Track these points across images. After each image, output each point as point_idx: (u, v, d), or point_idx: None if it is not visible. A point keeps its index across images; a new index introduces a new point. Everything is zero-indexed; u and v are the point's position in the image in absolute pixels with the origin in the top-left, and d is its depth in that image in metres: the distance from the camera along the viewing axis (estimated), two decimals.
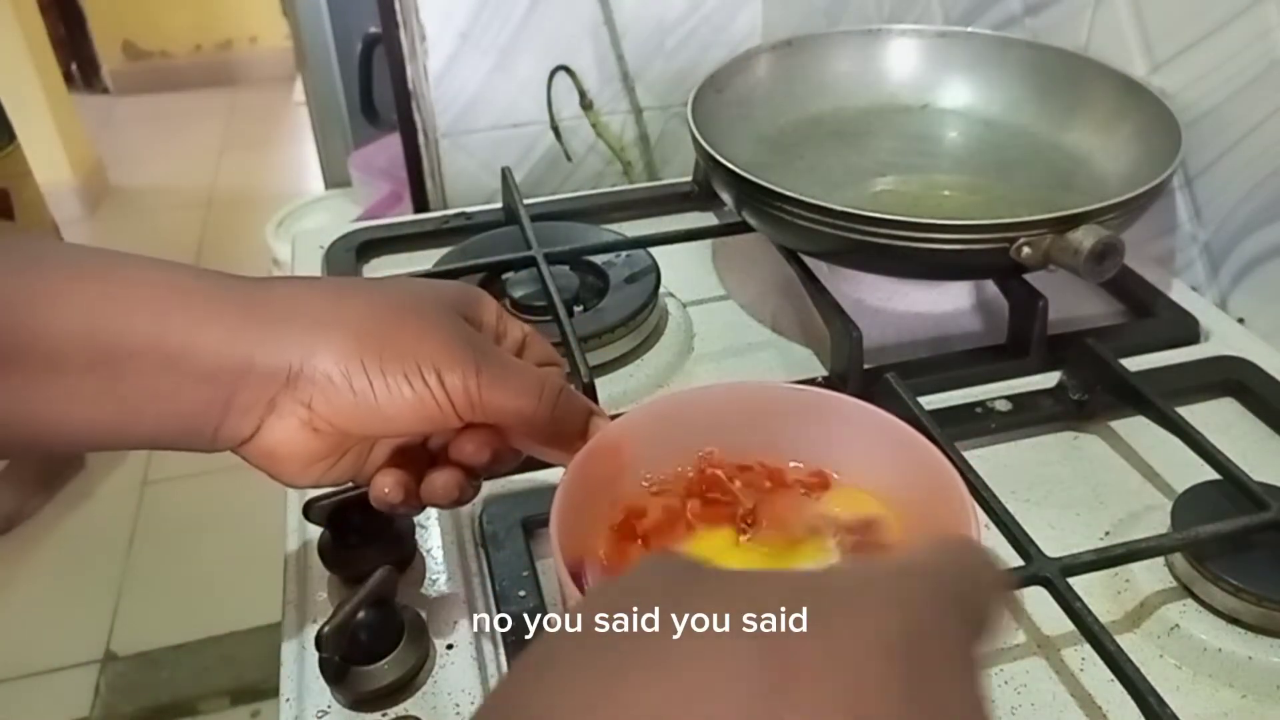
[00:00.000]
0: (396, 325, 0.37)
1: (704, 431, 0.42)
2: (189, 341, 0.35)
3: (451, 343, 0.37)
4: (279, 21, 3.42)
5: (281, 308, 0.37)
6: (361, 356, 0.36)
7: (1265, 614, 0.43)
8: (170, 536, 1.79)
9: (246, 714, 1.50)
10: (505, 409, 0.38)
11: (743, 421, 0.42)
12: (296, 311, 0.37)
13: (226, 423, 0.37)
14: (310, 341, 0.36)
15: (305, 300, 0.38)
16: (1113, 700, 0.42)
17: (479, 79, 1.05)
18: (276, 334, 0.36)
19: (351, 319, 0.37)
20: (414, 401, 0.37)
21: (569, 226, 0.74)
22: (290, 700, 0.44)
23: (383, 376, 0.36)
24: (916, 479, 0.39)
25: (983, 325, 0.67)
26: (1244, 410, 0.59)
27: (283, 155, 3.21)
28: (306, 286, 0.39)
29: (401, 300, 0.39)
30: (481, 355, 0.38)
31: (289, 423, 0.37)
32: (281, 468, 0.39)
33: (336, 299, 0.38)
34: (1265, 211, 0.63)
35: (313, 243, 0.79)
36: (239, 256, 2.59)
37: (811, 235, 0.59)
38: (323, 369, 0.36)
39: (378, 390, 0.36)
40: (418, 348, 0.37)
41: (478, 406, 0.37)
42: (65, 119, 2.86)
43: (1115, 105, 0.69)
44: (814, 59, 0.79)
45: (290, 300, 0.38)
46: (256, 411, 0.37)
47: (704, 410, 0.43)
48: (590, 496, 0.39)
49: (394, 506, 0.40)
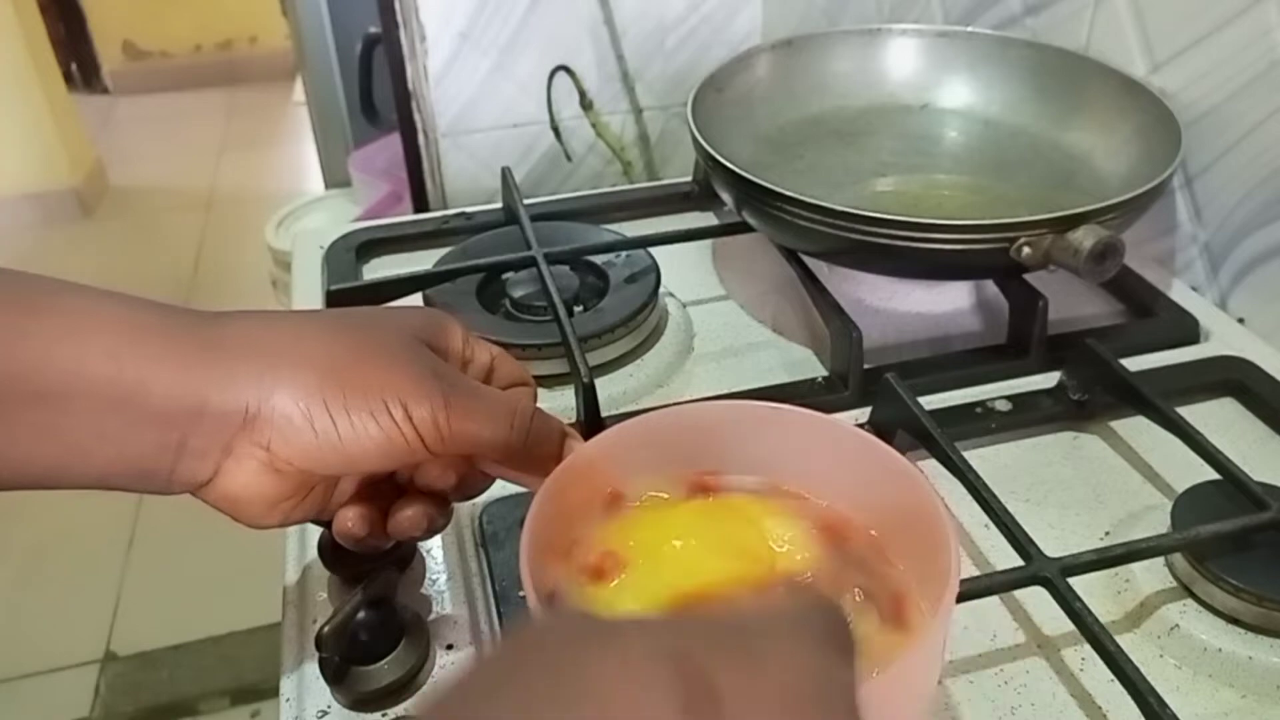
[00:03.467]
0: (358, 360, 0.36)
1: (683, 449, 0.42)
2: (140, 381, 0.34)
3: (418, 375, 0.36)
4: (279, 21, 3.42)
5: (237, 346, 0.36)
6: (323, 395, 0.35)
7: (1265, 614, 0.43)
8: (170, 536, 1.79)
9: (246, 714, 1.50)
10: (478, 439, 0.37)
11: (723, 439, 0.41)
12: (253, 350, 0.36)
13: (180, 467, 0.35)
14: (268, 382, 0.35)
15: (261, 338, 0.36)
16: (1113, 700, 0.42)
17: (479, 79, 1.05)
18: (231, 374, 0.35)
19: (311, 356, 0.36)
20: (380, 439, 0.35)
21: (569, 226, 0.74)
22: (290, 700, 0.44)
23: (346, 414, 0.35)
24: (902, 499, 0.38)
25: (983, 325, 0.67)
26: (1244, 410, 0.59)
27: (283, 155, 3.21)
28: (263, 323, 0.37)
29: (363, 334, 0.38)
30: (449, 386, 0.37)
31: (247, 465, 0.36)
32: (243, 511, 0.37)
33: (295, 336, 0.37)
34: (1265, 211, 0.63)
35: (313, 243, 0.78)
36: (239, 256, 2.60)
37: (811, 235, 0.59)
38: (281, 410, 0.35)
39: (341, 429, 0.35)
40: (383, 382, 0.36)
41: (448, 439, 0.36)
42: (65, 119, 2.86)
43: (1115, 105, 0.69)
44: (814, 59, 0.79)
45: (246, 337, 0.36)
46: (212, 456, 0.35)
47: (681, 429, 0.42)
48: (563, 519, 0.38)
49: (359, 541, 0.39)
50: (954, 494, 0.49)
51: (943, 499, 0.37)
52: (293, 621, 0.47)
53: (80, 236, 2.83)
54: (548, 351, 0.61)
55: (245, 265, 2.48)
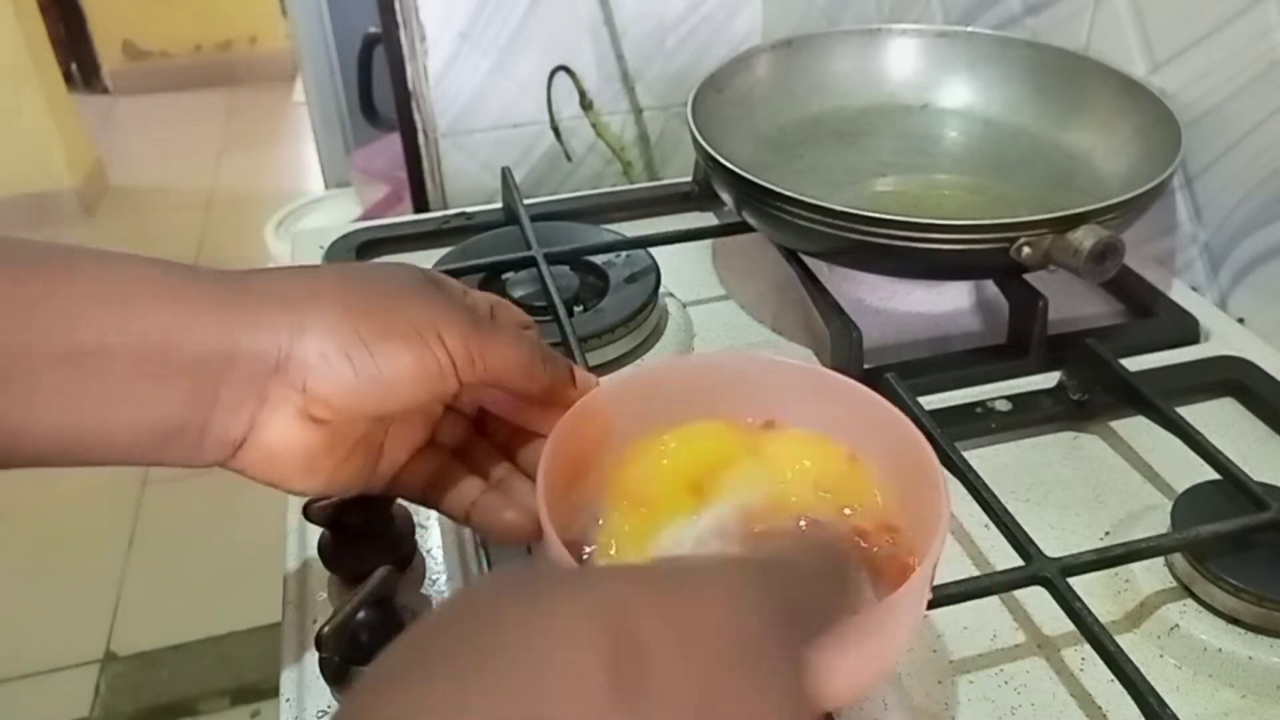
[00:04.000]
0: (383, 294, 0.37)
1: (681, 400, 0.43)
2: (169, 334, 0.34)
3: (442, 304, 0.37)
4: (279, 21, 3.43)
5: (263, 293, 0.36)
6: (354, 327, 0.35)
7: (1265, 614, 0.43)
8: (170, 536, 1.79)
9: (246, 714, 1.50)
10: (505, 360, 0.38)
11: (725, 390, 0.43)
12: (279, 296, 0.36)
13: (213, 421, 0.35)
14: (297, 320, 0.35)
15: (286, 286, 0.37)
16: (1113, 700, 0.42)
17: (479, 79, 1.05)
18: (260, 317, 0.35)
19: (336, 295, 0.36)
20: (415, 367, 0.36)
21: (569, 226, 0.74)
22: (290, 700, 0.44)
23: (382, 343, 0.35)
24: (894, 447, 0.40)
25: (983, 325, 0.67)
26: (1244, 410, 0.59)
27: (283, 155, 3.21)
28: (285, 274, 0.38)
29: (380, 275, 0.39)
30: (472, 311, 0.38)
31: (284, 414, 0.35)
32: (282, 471, 0.37)
33: (317, 281, 0.37)
34: (1265, 211, 0.63)
35: (313, 243, 0.79)
36: (239, 256, 2.60)
37: (811, 235, 0.59)
38: (316, 347, 0.35)
39: (379, 358, 0.35)
40: (412, 312, 0.36)
41: (479, 362, 0.37)
42: (65, 119, 2.86)
43: (1115, 105, 0.69)
44: (814, 59, 0.79)
45: (270, 286, 0.37)
46: (248, 406, 0.35)
47: (682, 379, 0.43)
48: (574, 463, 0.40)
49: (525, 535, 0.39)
50: (954, 494, 0.49)
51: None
52: (293, 621, 0.47)
53: (80, 236, 2.82)
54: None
55: (245, 265, 2.48)
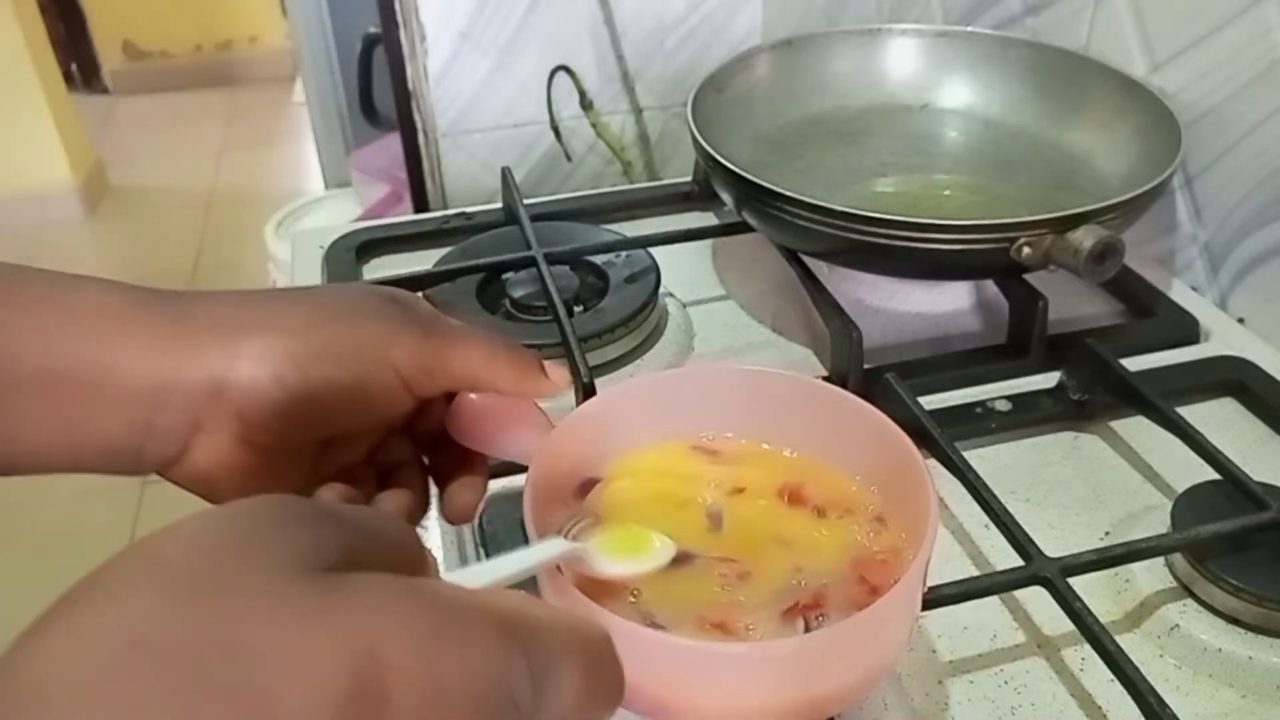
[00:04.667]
0: (327, 320, 0.37)
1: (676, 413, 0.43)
2: (106, 365, 0.34)
3: (389, 321, 0.37)
4: (279, 21, 3.43)
5: (204, 320, 0.36)
6: (289, 353, 0.35)
7: (1265, 614, 0.43)
8: None
9: None
10: (468, 360, 0.38)
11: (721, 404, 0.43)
12: (219, 323, 0.36)
13: (149, 446, 0.35)
14: (233, 348, 0.35)
15: (230, 312, 0.37)
16: (1113, 700, 0.42)
17: (479, 79, 1.05)
18: (197, 346, 0.35)
19: (277, 322, 0.36)
20: (351, 388, 0.36)
21: (569, 226, 0.74)
22: None
23: (315, 367, 0.35)
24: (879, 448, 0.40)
25: (983, 325, 0.67)
26: (1244, 410, 0.59)
27: (283, 155, 3.21)
28: (234, 299, 0.38)
29: (333, 297, 0.38)
30: (427, 324, 0.38)
31: (219, 440, 0.36)
32: (215, 488, 0.37)
33: (265, 307, 0.37)
34: (1265, 211, 0.63)
35: (313, 243, 0.78)
36: (239, 256, 2.60)
37: (811, 235, 0.59)
38: (248, 373, 0.35)
39: (312, 383, 0.35)
40: (353, 335, 0.36)
41: (439, 373, 0.37)
42: (65, 119, 2.86)
43: (1115, 105, 0.69)
44: (814, 59, 0.79)
45: (214, 313, 0.37)
46: (180, 434, 0.35)
47: (678, 391, 0.43)
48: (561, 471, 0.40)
49: None
50: (954, 494, 0.49)
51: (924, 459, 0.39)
52: None
53: (80, 236, 2.83)
54: (548, 352, 0.60)
55: (245, 265, 2.49)
